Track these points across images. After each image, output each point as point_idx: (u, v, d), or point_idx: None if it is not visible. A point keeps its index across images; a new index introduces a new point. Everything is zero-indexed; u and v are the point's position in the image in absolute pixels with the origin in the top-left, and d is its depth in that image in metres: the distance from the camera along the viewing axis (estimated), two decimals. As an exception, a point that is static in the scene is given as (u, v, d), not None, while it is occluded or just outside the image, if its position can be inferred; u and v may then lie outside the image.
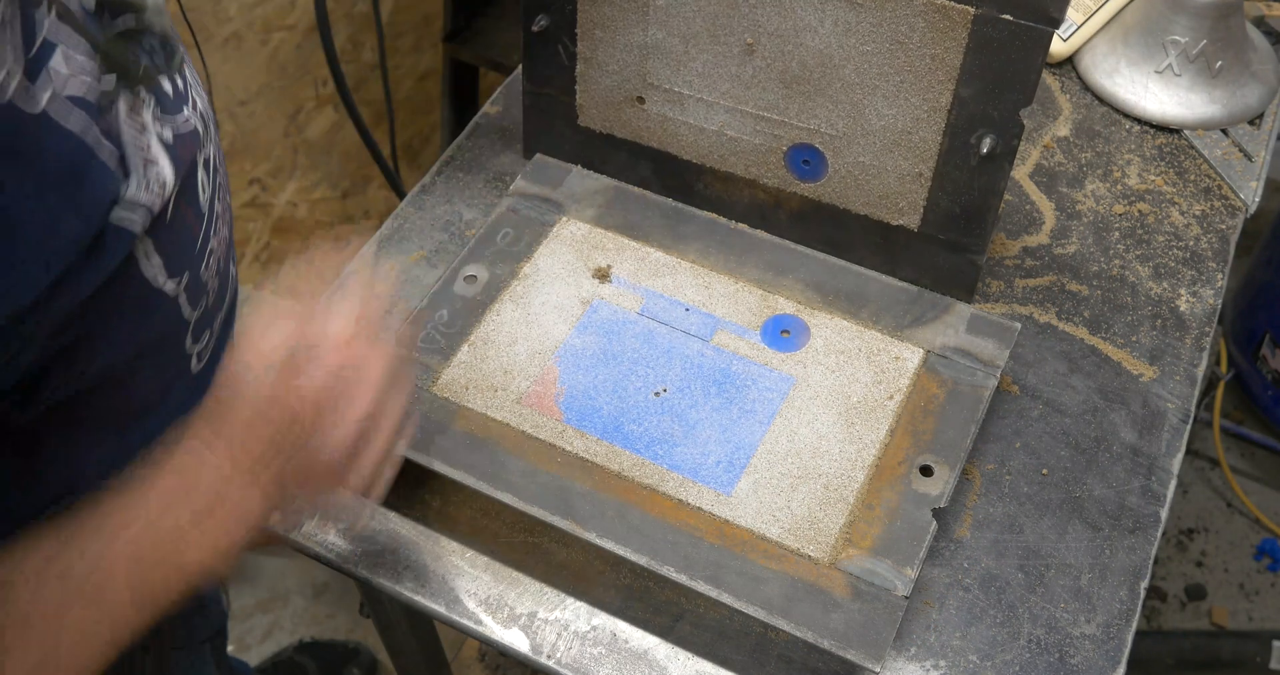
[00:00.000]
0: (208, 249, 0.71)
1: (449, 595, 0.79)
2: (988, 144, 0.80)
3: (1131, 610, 0.78)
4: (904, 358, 0.84)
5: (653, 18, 0.87)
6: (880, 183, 0.86)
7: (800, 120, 0.86)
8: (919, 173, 0.84)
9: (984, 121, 0.80)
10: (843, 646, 0.70)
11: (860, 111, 0.84)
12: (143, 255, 0.63)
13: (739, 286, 0.89)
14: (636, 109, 0.93)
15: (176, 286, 0.67)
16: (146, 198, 0.61)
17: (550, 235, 0.92)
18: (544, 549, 0.81)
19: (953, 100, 0.80)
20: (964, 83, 0.79)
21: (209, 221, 0.71)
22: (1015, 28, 0.75)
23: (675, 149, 0.94)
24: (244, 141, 1.62)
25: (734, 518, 0.76)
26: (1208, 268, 0.97)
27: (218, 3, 1.50)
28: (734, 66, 0.86)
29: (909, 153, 0.84)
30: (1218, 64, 1.07)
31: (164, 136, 0.64)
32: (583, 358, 0.85)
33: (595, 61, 0.92)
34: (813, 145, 0.87)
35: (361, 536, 0.82)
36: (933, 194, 0.85)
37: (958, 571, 0.80)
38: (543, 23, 0.92)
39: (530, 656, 0.77)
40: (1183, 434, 0.86)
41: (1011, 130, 0.80)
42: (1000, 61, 0.77)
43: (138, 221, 0.61)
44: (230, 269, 0.78)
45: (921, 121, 0.82)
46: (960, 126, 0.81)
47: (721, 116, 0.89)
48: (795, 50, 0.83)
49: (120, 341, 0.65)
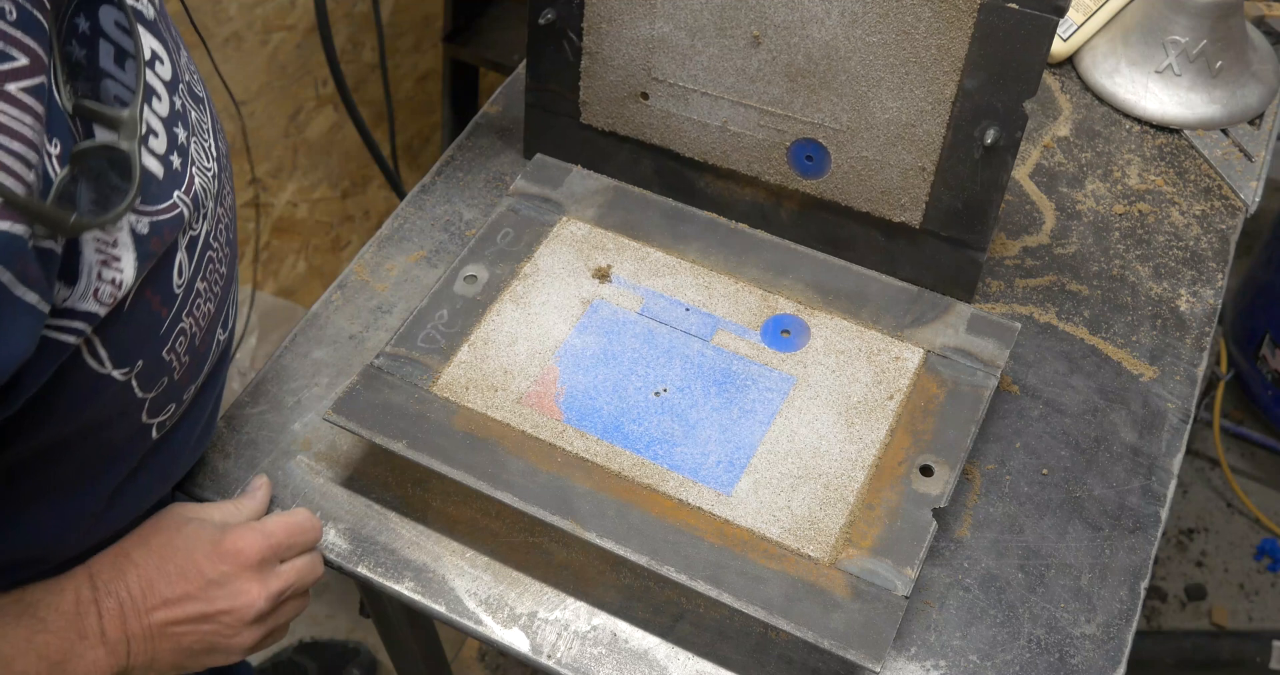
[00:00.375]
0: (175, 331, 0.67)
1: (449, 595, 0.79)
2: (991, 135, 0.81)
3: (1131, 610, 0.78)
4: (904, 358, 0.84)
5: (660, 10, 0.87)
6: (883, 178, 0.87)
7: (804, 114, 0.87)
8: (922, 167, 0.85)
9: (988, 113, 0.81)
10: (843, 646, 0.70)
11: (865, 104, 0.84)
12: (87, 352, 0.60)
13: (739, 286, 0.89)
14: (640, 105, 0.93)
15: (127, 374, 0.64)
16: (92, 305, 0.57)
17: (550, 235, 0.92)
18: (544, 549, 0.81)
19: (957, 92, 0.80)
20: (969, 73, 0.79)
21: (182, 303, 0.66)
22: (1021, 16, 0.76)
23: (678, 146, 0.94)
24: (244, 141, 1.62)
25: (734, 518, 0.76)
26: (1208, 268, 0.97)
27: (218, 3, 1.50)
28: (739, 60, 0.86)
29: (912, 146, 0.84)
30: (1218, 64, 1.07)
31: (137, 228, 0.59)
32: (583, 358, 0.85)
33: (600, 56, 0.92)
34: (816, 140, 0.87)
35: (361, 536, 0.82)
36: (935, 189, 0.86)
37: (958, 571, 0.80)
38: (549, 16, 0.92)
39: (530, 656, 0.77)
40: (1183, 434, 0.86)
41: (1015, 121, 0.80)
42: (1005, 51, 0.78)
43: (78, 330, 0.57)
44: (215, 336, 0.74)
45: (926, 114, 0.82)
46: (964, 119, 0.82)
47: (725, 111, 0.90)
48: (801, 42, 0.83)
49: (63, 419, 0.62)
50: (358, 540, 0.82)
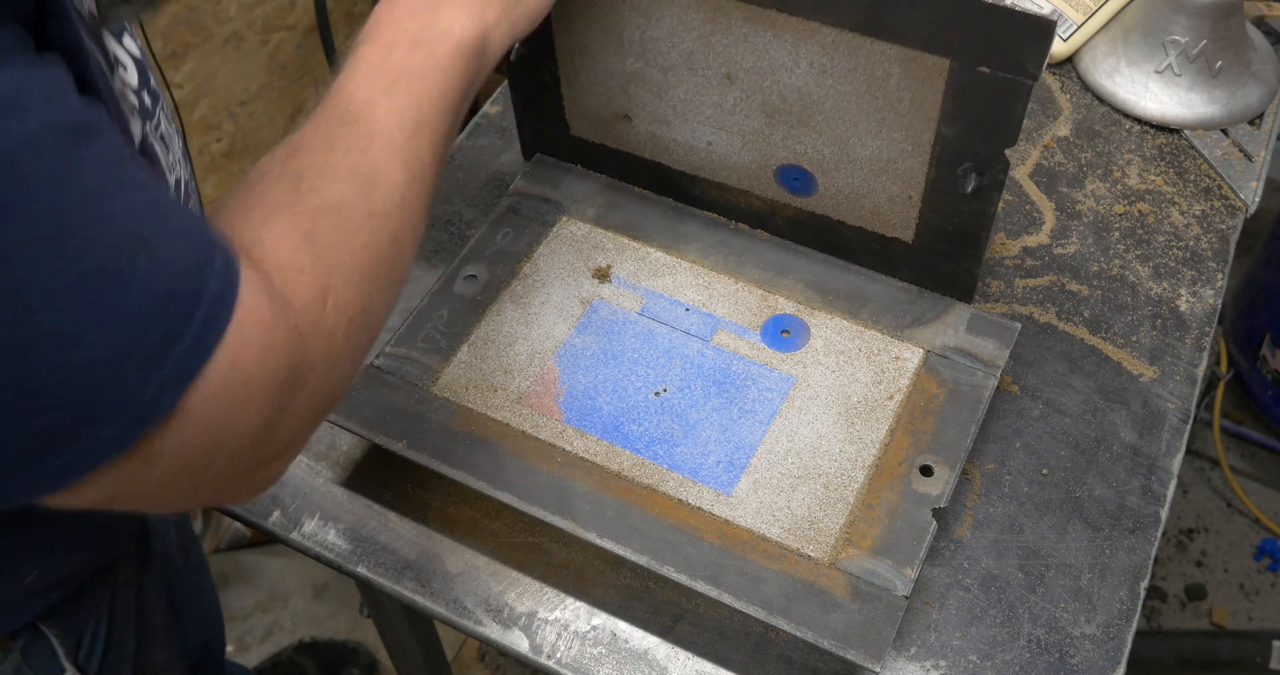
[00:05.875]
0: None
1: (449, 595, 0.79)
2: (973, 181, 0.79)
3: (1131, 610, 0.78)
4: (904, 358, 0.84)
5: (628, 49, 0.85)
6: (871, 201, 0.86)
7: (785, 145, 0.85)
8: (909, 196, 0.84)
9: (969, 156, 0.78)
10: (843, 646, 0.70)
11: (845, 142, 0.82)
12: None
13: (739, 286, 0.89)
14: (625, 125, 0.92)
15: None
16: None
17: (550, 235, 0.92)
18: (544, 549, 0.81)
19: (935, 138, 0.78)
20: (946, 123, 0.77)
21: None
22: (993, 79, 0.73)
23: (667, 161, 0.93)
24: (244, 141, 1.62)
25: (734, 518, 0.76)
26: (1208, 268, 0.97)
27: (218, 3, 1.50)
28: (715, 95, 0.85)
29: (897, 178, 0.83)
30: (1218, 64, 1.07)
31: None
32: (583, 357, 0.85)
33: (578, 84, 0.91)
34: (801, 166, 0.86)
35: (361, 536, 0.82)
36: (923, 215, 0.84)
37: (958, 571, 0.80)
38: (521, 51, 0.90)
39: (530, 656, 0.77)
40: (1183, 434, 0.86)
41: (997, 166, 0.78)
42: (981, 107, 0.75)
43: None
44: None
45: (907, 153, 0.81)
46: (946, 159, 0.79)
47: (709, 135, 0.88)
48: (774, 85, 0.82)
49: None
50: (358, 540, 0.82)
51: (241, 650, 1.70)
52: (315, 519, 0.83)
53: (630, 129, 0.92)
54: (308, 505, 0.83)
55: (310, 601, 1.76)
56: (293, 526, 0.83)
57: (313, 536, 0.82)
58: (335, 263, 0.54)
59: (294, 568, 1.78)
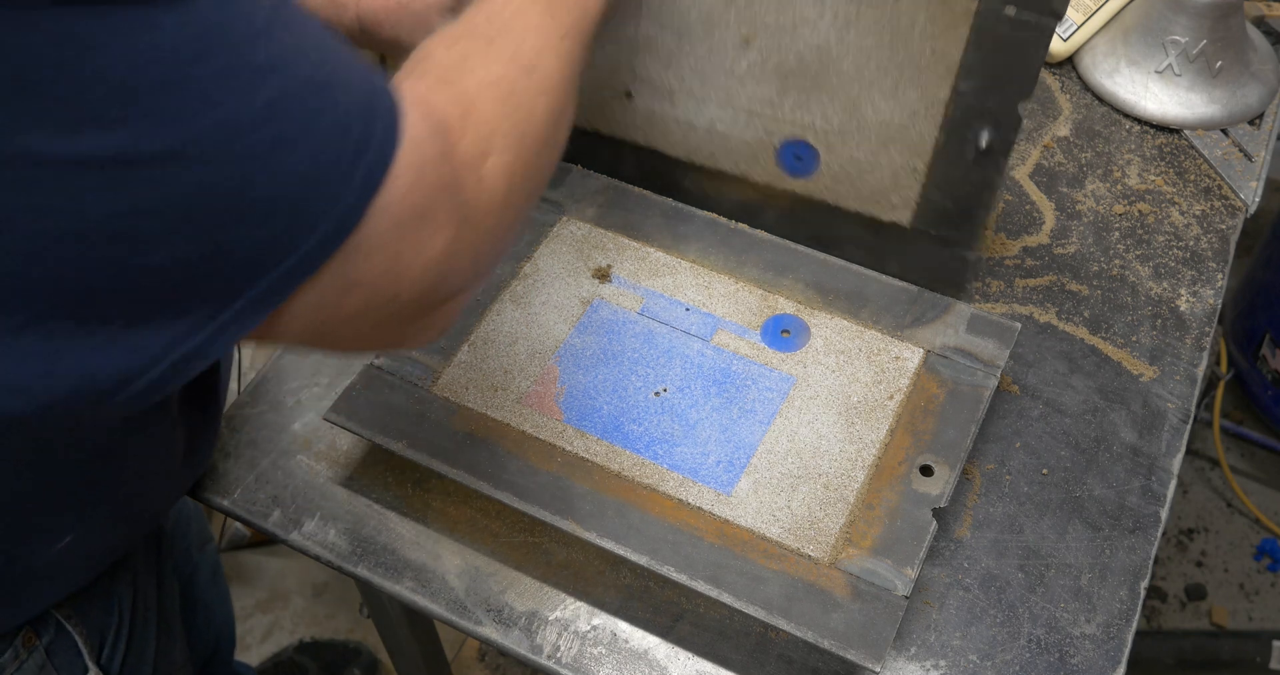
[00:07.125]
0: None
1: (449, 595, 0.79)
2: (985, 138, 0.80)
3: (1131, 610, 0.78)
4: (904, 357, 0.84)
5: (647, 12, 0.86)
6: (873, 178, 0.86)
7: (794, 115, 0.86)
8: (914, 167, 0.84)
9: (982, 115, 0.80)
10: (843, 646, 0.70)
11: (856, 105, 0.83)
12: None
13: (739, 286, 0.89)
14: (624, 104, 0.92)
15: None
16: None
17: (550, 235, 0.92)
18: (544, 549, 0.81)
19: (951, 94, 0.80)
20: (964, 76, 0.79)
21: None
22: (1017, 21, 0.75)
23: (663, 145, 0.93)
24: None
25: (734, 517, 0.76)
26: (1208, 268, 0.97)
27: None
28: (728, 61, 0.86)
29: (904, 147, 0.84)
30: (1218, 64, 1.07)
31: None
32: (583, 357, 0.85)
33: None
34: (805, 140, 0.87)
35: (361, 536, 0.82)
36: (926, 190, 0.85)
37: (958, 571, 0.80)
38: None
39: (530, 656, 0.77)
40: (1183, 434, 0.86)
41: (1010, 124, 0.79)
42: (1001, 55, 0.77)
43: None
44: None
45: (919, 115, 0.82)
46: (958, 121, 0.81)
47: (712, 111, 0.89)
48: (793, 43, 0.83)
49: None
50: (358, 540, 0.82)
51: (242, 650, 1.70)
52: (315, 519, 0.83)
53: (628, 109, 0.92)
54: (307, 505, 0.83)
55: (310, 601, 1.76)
56: (293, 526, 0.83)
57: (313, 536, 0.82)
58: (495, 130, 0.57)
59: (294, 568, 1.78)
